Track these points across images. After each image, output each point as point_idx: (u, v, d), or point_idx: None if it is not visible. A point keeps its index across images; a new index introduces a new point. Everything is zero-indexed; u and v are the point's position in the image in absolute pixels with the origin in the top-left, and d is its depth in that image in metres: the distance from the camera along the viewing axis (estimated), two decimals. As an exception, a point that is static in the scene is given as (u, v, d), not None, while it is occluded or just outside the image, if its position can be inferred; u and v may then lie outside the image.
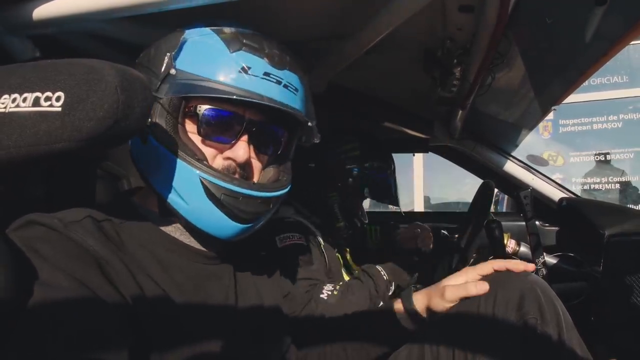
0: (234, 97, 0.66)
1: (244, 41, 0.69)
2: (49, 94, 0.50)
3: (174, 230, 0.73)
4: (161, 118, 0.68)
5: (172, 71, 0.67)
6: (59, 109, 0.50)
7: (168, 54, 0.67)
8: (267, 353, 0.80)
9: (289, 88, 0.71)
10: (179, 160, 0.66)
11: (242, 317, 0.77)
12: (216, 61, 0.67)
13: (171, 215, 0.71)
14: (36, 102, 0.50)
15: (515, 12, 0.91)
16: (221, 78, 0.66)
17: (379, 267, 1.46)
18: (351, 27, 1.00)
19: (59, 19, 0.78)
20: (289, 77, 0.71)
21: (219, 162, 0.71)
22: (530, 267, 0.86)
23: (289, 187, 0.78)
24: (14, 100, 0.50)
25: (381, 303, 1.38)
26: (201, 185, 0.66)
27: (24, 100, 0.51)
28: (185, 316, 0.67)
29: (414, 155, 2.33)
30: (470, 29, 1.02)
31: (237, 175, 0.72)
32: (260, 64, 0.68)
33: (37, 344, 0.48)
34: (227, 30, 0.71)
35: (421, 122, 1.83)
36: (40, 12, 0.77)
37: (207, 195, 0.67)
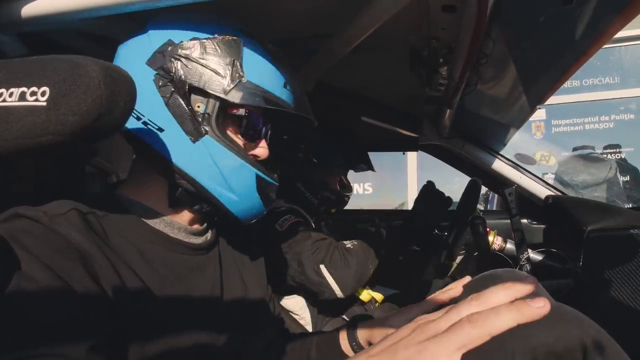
0: (300, 113, 0.78)
1: (276, 56, 0.77)
2: (34, 88, 0.52)
3: (159, 222, 0.74)
4: (218, 118, 0.72)
5: (244, 80, 0.71)
6: (44, 103, 0.51)
7: (237, 62, 0.71)
8: (251, 344, 0.81)
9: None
10: (237, 158, 0.73)
11: (226, 308, 0.78)
12: (271, 75, 0.75)
13: (196, 203, 0.75)
14: (22, 97, 0.52)
15: (498, 14, 0.94)
16: (276, 92, 0.75)
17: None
18: (336, 26, 1.02)
19: (48, 16, 0.79)
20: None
21: None
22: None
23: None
24: (0, 95, 0.52)
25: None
26: (255, 181, 0.75)
27: (10, 95, 0.52)
28: (168, 308, 0.68)
29: (404, 154, 2.35)
30: (454, 28, 1.04)
31: None
32: (289, 79, 0.77)
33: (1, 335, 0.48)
34: (267, 43, 0.78)
35: (410, 121, 1.86)
36: (28, 10, 0.77)
37: (258, 190, 0.75)
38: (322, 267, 1.33)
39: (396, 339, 0.48)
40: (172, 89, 0.70)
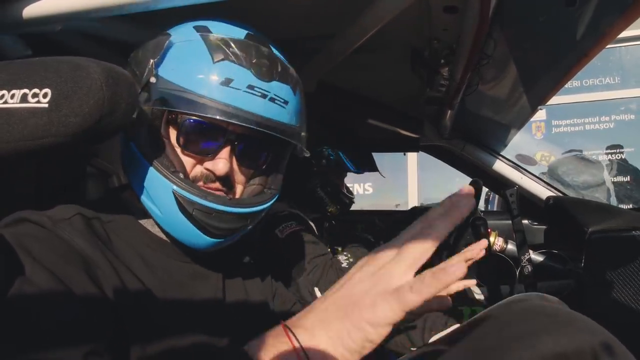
0: (216, 116, 0.64)
1: (230, 50, 0.66)
2: (36, 90, 0.52)
3: (161, 230, 0.73)
4: (142, 124, 0.66)
5: (152, 79, 0.65)
6: (46, 105, 0.51)
7: (151, 60, 0.65)
8: None
9: (276, 101, 0.68)
10: (154, 171, 0.66)
11: (228, 316, 0.78)
12: (198, 71, 0.65)
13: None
14: (24, 99, 0.52)
15: (500, 14, 0.94)
16: (202, 90, 0.64)
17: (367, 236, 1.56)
18: (338, 26, 1.02)
19: (50, 17, 0.79)
20: (277, 89, 0.68)
21: (198, 171, 0.70)
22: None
23: (272, 201, 0.77)
24: (2, 96, 0.52)
25: None
26: (174, 198, 0.65)
27: (12, 96, 0.52)
28: (170, 314, 0.67)
29: (404, 154, 2.35)
30: (455, 29, 1.04)
31: (217, 185, 0.70)
32: (245, 76, 0.65)
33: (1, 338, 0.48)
34: (213, 37, 0.67)
35: (411, 121, 1.85)
36: (30, 11, 0.77)
37: (180, 209, 0.66)
38: (316, 289, 1.34)
39: (348, 277, 0.50)
40: None
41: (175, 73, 0.66)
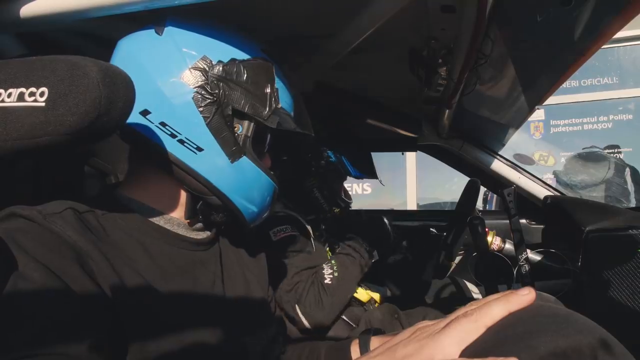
0: (310, 133, 0.81)
1: (288, 77, 0.80)
2: (33, 89, 0.52)
3: (158, 219, 0.74)
4: (252, 138, 0.75)
5: (279, 105, 0.75)
6: (43, 104, 0.51)
7: (273, 87, 0.75)
8: (255, 339, 0.81)
9: None
10: (265, 176, 0.77)
11: (229, 303, 0.78)
12: (288, 98, 0.79)
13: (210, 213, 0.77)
14: (21, 98, 0.52)
15: (497, 14, 0.94)
16: (292, 113, 0.79)
17: (359, 240, 1.53)
18: (336, 26, 1.02)
19: (47, 16, 0.79)
20: None
21: None
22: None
23: None
24: (-2, 95, 0.52)
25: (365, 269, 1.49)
26: (273, 193, 0.80)
27: (9, 95, 0.52)
28: (170, 302, 0.67)
29: (402, 154, 2.36)
30: (453, 29, 1.04)
31: None
32: (295, 98, 0.83)
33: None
34: (281, 65, 0.79)
35: (409, 121, 1.86)
36: (27, 10, 0.77)
37: (272, 200, 0.81)
38: (296, 306, 1.35)
39: (397, 340, 0.50)
40: (214, 110, 0.70)
41: (283, 99, 0.78)
